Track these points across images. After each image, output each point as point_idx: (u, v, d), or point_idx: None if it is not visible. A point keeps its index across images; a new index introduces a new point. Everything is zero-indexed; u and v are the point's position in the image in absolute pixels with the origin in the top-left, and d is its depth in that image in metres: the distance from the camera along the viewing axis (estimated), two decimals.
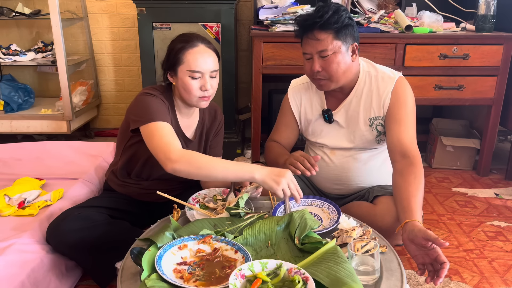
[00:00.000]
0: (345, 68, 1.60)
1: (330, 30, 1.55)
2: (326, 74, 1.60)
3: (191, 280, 1.07)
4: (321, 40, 1.56)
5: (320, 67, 1.59)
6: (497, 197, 2.51)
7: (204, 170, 1.39)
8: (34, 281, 1.42)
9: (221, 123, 1.80)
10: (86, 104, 3.33)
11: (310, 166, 1.55)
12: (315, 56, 1.59)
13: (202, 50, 1.55)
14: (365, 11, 2.88)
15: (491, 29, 2.62)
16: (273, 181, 1.35)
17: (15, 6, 3.14)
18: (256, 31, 2.56)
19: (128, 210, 1.71)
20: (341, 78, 1.62)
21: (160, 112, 1.52)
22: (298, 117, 1.82)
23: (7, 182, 1.93)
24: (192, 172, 1.40)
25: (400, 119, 1.61)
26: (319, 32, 1.56)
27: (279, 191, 1.35)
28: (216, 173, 1.39)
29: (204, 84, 1.54)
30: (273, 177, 1.35)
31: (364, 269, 1.13)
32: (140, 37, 2.91)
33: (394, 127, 1.61)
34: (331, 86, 1.64)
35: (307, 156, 1.57)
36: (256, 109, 2.71)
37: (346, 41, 1.58)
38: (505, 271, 1.83)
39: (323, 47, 1.56)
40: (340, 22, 1.55)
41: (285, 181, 1.35)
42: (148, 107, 1.53)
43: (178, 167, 1.39)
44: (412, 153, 1.54)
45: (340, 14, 1.56)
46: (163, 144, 1.43)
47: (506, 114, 2.72)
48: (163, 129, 1.48)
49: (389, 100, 1.64)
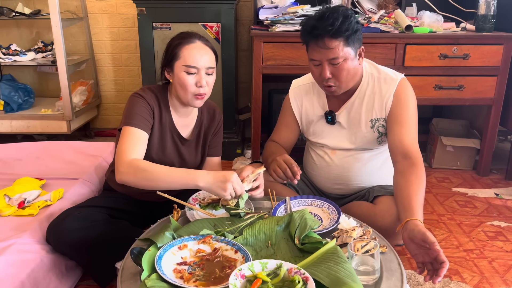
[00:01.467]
0: (354, 72, 1.60)
1: (341, 37, 1.52)
2: (337, 81, 1.58)
3: (191, 280, 1.07)
4: (332, 48, 1.52)
5: (330, 74, 1.56)
6: (497, 197, 2.51)
7: (150, 181, 1.41)
8: (34, 281, 1.42)
9: (220, 123, 1.79)
10: (86, 104, 3.33)
11: (292, 175, 1.55)
12: (325, 63, 1.56)
13: (198, 46, 1.55)
14: (365, 11, 2.88)
15: (491, 29, 2.62)
16: (219, 188, 1.35)
17: (15, 6, 3.14)
18: (256, 31, 2.56)
19: (128, 210, 1.71)
20: (349, 83, 1.62)
21: (137, 118, 1.54)
22: (299, 117, 1.81)
23: (7, 182, 1.93)
24: (139, 183, 1.43)
25: (402, 121, 1.61)
26: (330, 40, 1.52)
27: (227, 196, 1.36)
28: (162, 183, 1.41)
29: (200, 80, 1.54)
30: (218, 183, 1.35)
31: (364, 269, 1.13)
32: (140, 37, 2.92)
33: (396, 128, 1.61)
34: (340, 92, 1.63)
35: (290, 164, 1.56)
36: (256, 109, 2.71)
37: (355, 46, 1.56)
38: (505, 271, 1.83)
39: (334, 55, 1.53)
40: (350, 29, 1.52)
41: (230, 185, 1.35)
42: (129, 110, 1.56)
43: (125, 179, 1.43)
44: (413, 154, 1.54)
45: (350, 20, 1.52)
46: (119, 152, 1.47)
47: (506, 114, 2.71)
48: (130, 135, 1.51)
49: (391, 101, 1.64)
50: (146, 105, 1.58)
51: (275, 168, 1.58)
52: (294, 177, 1.55)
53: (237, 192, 1.37)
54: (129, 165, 1.43)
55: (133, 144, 1.50)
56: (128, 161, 1.44)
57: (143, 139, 1.54)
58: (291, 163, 1.56)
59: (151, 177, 1.41)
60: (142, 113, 1.56)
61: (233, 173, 1.37)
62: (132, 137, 1.51)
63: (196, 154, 1.75)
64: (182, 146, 1.70)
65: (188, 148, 1.72)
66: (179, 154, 1.70)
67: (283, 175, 1.57)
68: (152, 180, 1.41)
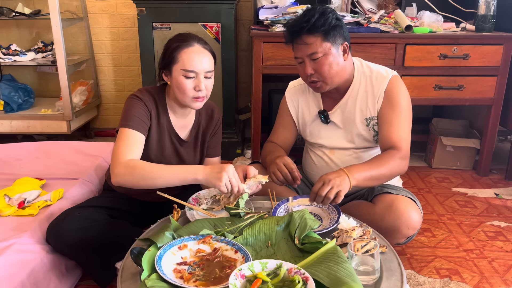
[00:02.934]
0: (337, 68, 1.61)
1: (318, 33, 1.56)
2: (320, 76, 1.60)
3: (191, 280, 1.07)
4: (309, 43, 1.57)
5: (312, 69, 1.60)
6: (497, 197, 2.51)
7: (149, 180, 1.41)
8: (34, 281, 1.42)
9: (219, 123, 1.79)
10: (86, 104, 3.33)
11: (292, 180, 1.57)
12: (306, 60, 1.59)
13: (197, 50, 1.55)
14: (365, 11, 2.88)
15: (491, 29, 2.62)
16: (215, 178, 1.36)
17: (15, 6, 3.14)
18: (256, 31, 2.56)
19: (128, 210, 1.71)
20: (334, 79, 1.62)
21: (133, 119, 1.54)
22: (296, 118, 1.82)
23: (7, 182, 1.93)
24: (137, 183, 1.43)
25: (391, 120, 1.62)
26: (307, 36, 1.57)
27: (222, 187, 1.36)
28: (160, 180, 1.41)
29: (198, 84, 1.53)
30: (215, 174, 1.36)
31: (364, 269, 1.13)
32: (140, 37, 2.92)
33: (385, 127, 1.63)
34: (326, 88, 1.64)
35: (291, 168, 1.57)
36: (256, 109, 2.71)
37: (336, 41, 1.58)
38: (505, 271, 1.83)
39: (312, 50, 1.57)
40: (327, 25, 1.55)
41: (226, 175, 1.35)
42: (126, 111, 1.56)
43: (121, 180, 1.43)
44: (399, 146, 1.59)
45: (327, 16, 1.56)
46: (115, 154, 1.47)
47: (506, 114, 2.72)
48: (126, 137, 1.51)
49: (382, 100, 1.65)
50: (143, 106, 1.58)
51: (275, 172, 1.59)
52: (295, 181, 1.56)
53: (232, 184, 1.37)
54: (125, 166, 1.44)
55: (129, 146, 1.50)
56: (124, 162, 1.45)
57: (140, 141, 1.54)
58: (292, 168, 1.57)
59: (149, 176, 1.41)
60: (139, 115, 1.56)
61: (229, 165, 1.38)
62: (129, 139, 1.51)
63: (195, 155, 1.75)
64: (181, 147, 1.70)
65: (187, 149, 1.72)
66: (178, 155, 1.70)
67: (283, 179, 1.57)
68: (150, 178, 1.41)
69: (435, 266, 1.85)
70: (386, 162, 1.55)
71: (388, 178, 1.59)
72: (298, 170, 1.58)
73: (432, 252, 1.95)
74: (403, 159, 1.58)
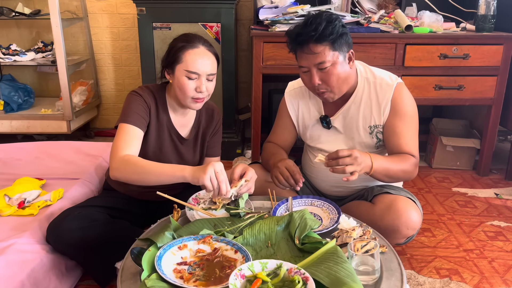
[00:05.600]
0: (344, 77, 1.58)
1: (326, 41, 1.51)
2: (328, 86, 1.56)
3: (191, 280, 1.07)
4: (317, 53, 1.51)
5: (319, 80, 1.55)
6: (497, 197, 2.51)
7: (140, 175, 1.43)
8: (34, 281, 1.42)
9: (219, 123, 1.79)
10: (86, 104, 3.33)
11: (294, 183, 1.56)
12: (313, 69, 1.54)
13: (202, 52, 1.55)
14: (365, 11, 2.88)
15: (491, 29, 2.62)
16: (200, 171, 1.34)
17: (15, 6, 3.14)
18: (256, 31, 2.56)
19: (128, 209, 1.71)
20: (342, 88, 1.59)
21: (132, 115, 1.55)
22: (295, 120, 1.80)
23: (7, 182, 1.93)
24: (129, 178, 1.46)
25: (400, 133, 1.61)
26: (314, 46, 1.51)
27: (206, 180, 1.32)
28: (150, 176, 1.42)
29: (200, 86, 1.54)
30: (201, 169, 1.35)
31: (364, 269, 1.13)
32: (140, 37, 2.92)
33: (394, 139, 1.62)
34: (334, 97, 1.61)
35: (292, 171, 1.57)
36: (256, 109, 2.71)
37: (342, 50, 1.55)
38: (505, 271, 1.83)
39: (320, 60, 1.52)
40: (335, 33, 1.51)
41: (212, 169, 1.33)
42: (126, 107, 1.58)
43: (117, 175, 1.46)
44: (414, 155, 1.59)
45: (334, 24, 1.51)
46: (113, 149, 1.51)
47: (506, 114, 2.71)
48: (125, 132, 1.53)
49: (389, 109, 1.63)
50: (143, 102, 1.59)
51: (277, 175, 1.58)
52: (297, 184, 1.56)
53: (218, 178, 1.33)
54: (120, 161, 1.46)
55: (127, 141, 1.51)
56: (121, 156, 1.47)
57: (138, 136, 1.56)
58: (293, 171, 1.57)
59: (141, 170, 1.42)
60: (138, 111, 1.57)
61: (218, 162, 1.37)
62: (127, 134, 1.53)
63: (195, 154, 1.75)
64: (181, 145, 1.70)
65: (187, 148, 1.72)
66: (178, 153, 1.70)
67: (285, 183, 1.57)
68: (141, 173, 1.42)
69: (435, 266, 1.85)
70: (403, 163, 1.56)
71: (399, 179, 1.61)
72: (300, 173, 1.58)
73: (432, 252, 1.95)
74: (416, 166, 1.60)
